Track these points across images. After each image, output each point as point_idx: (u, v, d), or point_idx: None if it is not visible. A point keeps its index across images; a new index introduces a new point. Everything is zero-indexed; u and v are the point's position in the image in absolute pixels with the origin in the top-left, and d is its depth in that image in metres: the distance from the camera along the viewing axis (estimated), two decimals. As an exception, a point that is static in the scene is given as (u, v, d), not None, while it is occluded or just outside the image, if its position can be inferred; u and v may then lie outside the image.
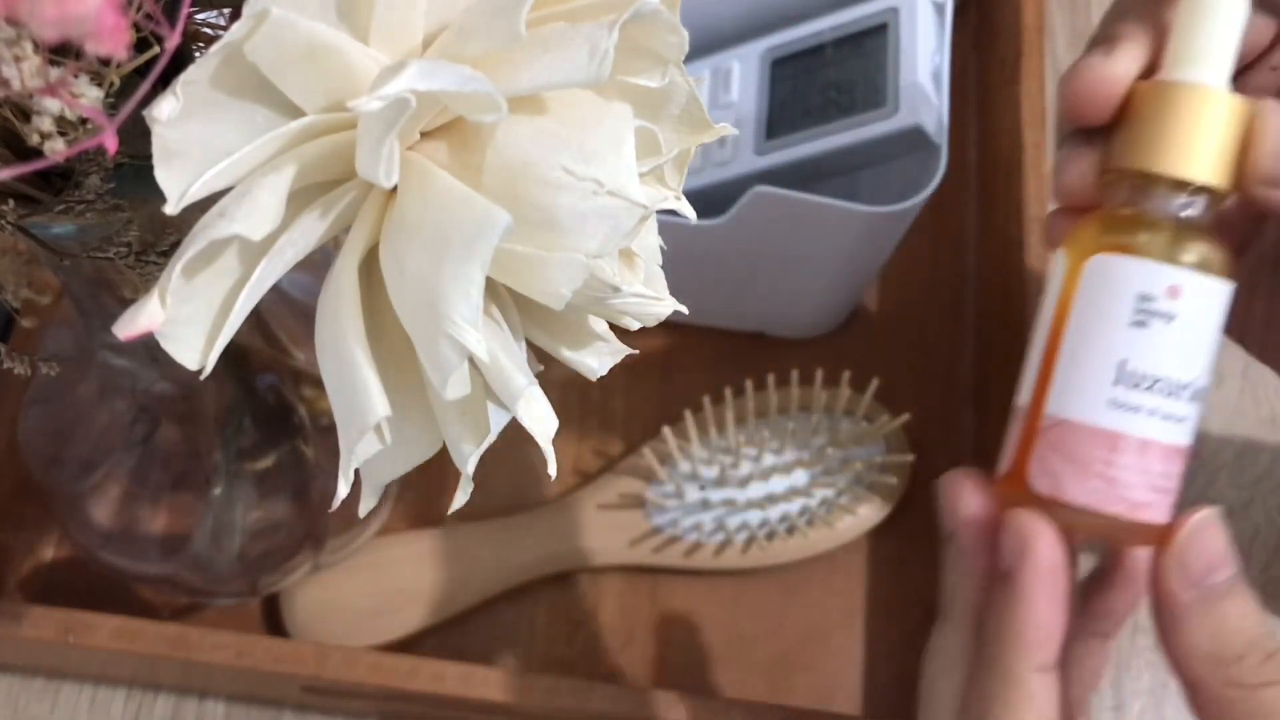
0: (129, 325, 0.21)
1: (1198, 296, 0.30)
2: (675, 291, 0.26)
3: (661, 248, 0.27)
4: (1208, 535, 0.30)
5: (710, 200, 0.47)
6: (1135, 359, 0.30)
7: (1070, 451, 0.31)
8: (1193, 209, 0.31)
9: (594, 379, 0.26)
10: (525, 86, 0.21)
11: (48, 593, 0.49)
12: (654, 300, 0.25)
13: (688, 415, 0.49)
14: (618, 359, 0.26)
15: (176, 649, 0.42)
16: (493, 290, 0.23)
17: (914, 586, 0.50)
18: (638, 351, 0.27)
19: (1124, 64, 0.31)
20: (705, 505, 0.49)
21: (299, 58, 0.20)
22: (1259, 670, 0.29)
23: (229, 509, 0.43)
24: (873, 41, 0.46)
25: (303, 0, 0.20)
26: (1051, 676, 0.30)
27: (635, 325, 0.26)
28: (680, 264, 0.32)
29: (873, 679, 0.49)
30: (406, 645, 0.48)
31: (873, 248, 0.48)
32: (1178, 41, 0.31)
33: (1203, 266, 0.30)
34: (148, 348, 0.36)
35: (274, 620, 0.48)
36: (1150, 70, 0.32)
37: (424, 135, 0.22)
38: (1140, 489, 0.30)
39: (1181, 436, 0.31)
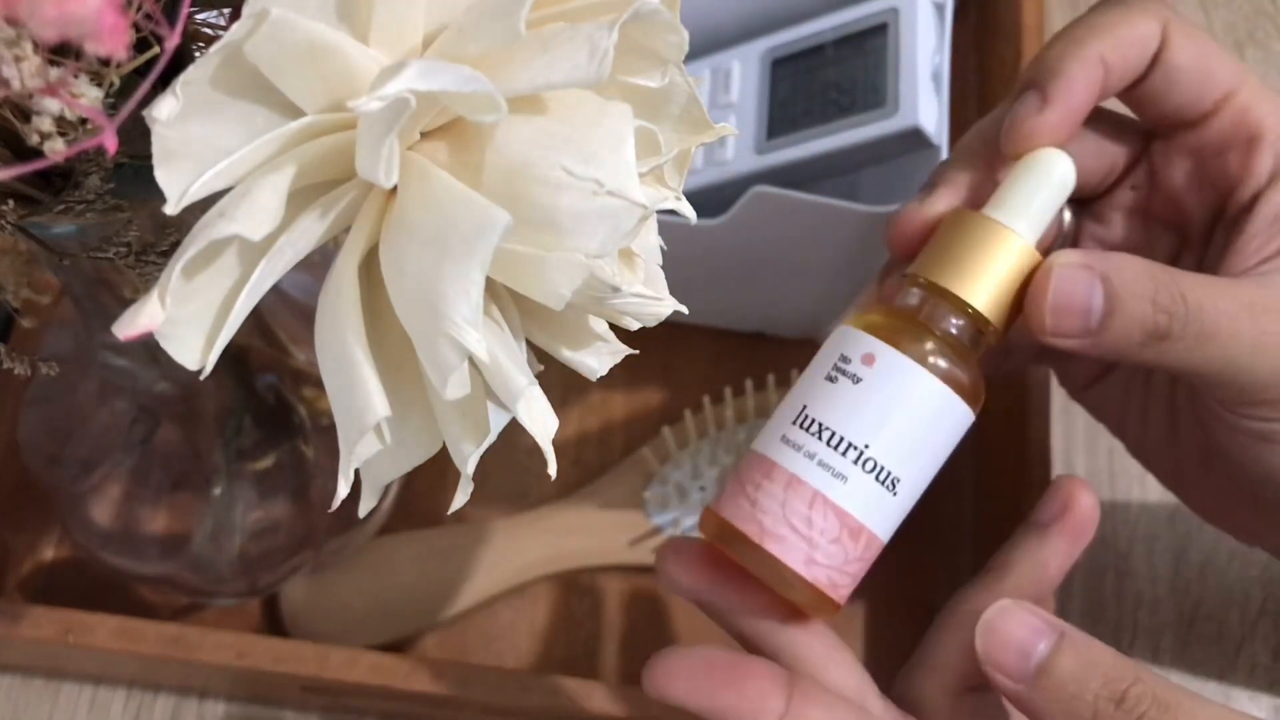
0: (129, 325, 0.21)
1: (894, 374, 0.32)
2: (675, 291, 0.26)
3: (661, 248, 0.27)
4: (1006, 629, 0.31)
5: (710, 200, 0.47)
6: (812, 405, 0.32)
7: (739, 475, 0.33)
8: (957, 329, 0.33)
9: (594, 379, 0.26)
10: (525, 86, 0.21)
11: (48, 593, 0.49)
12: (654, 300, 0.25)
13: (688, 415, 0.49)
14: (618, 359, 0.26)
15: (176, 649, 0.42)
16: (493, 290, 0.23)
17: (914, 586, 0.50)
18: (638, 351, 0.27)
19: (939, 206, 0.35)
20: (705, 505, 0.49)
21: (299, 58, 0.20)
22: (1114, 717, 0.29)
23: (229, 509, 0.43)
24: (873, 41, 0.46)
25: (303, 0, 0.20)
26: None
27: (635, 325, 0.26)
28: (680, 264, 0.32)
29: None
30: (406, 645, 0.48)
31: (873, 248, 0.48)
32: (1002, 191, 0.34)
33: (930, 367, 0.32)
34: (148, 348, 0.36)
35: (274, 620, 0.48)
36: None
37: (424, 135, 0.22)
38: (776, 519, 0.31)
39: (840, 496, 0.31)
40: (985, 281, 0.32)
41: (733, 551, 0.33)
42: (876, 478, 0.32)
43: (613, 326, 0.26)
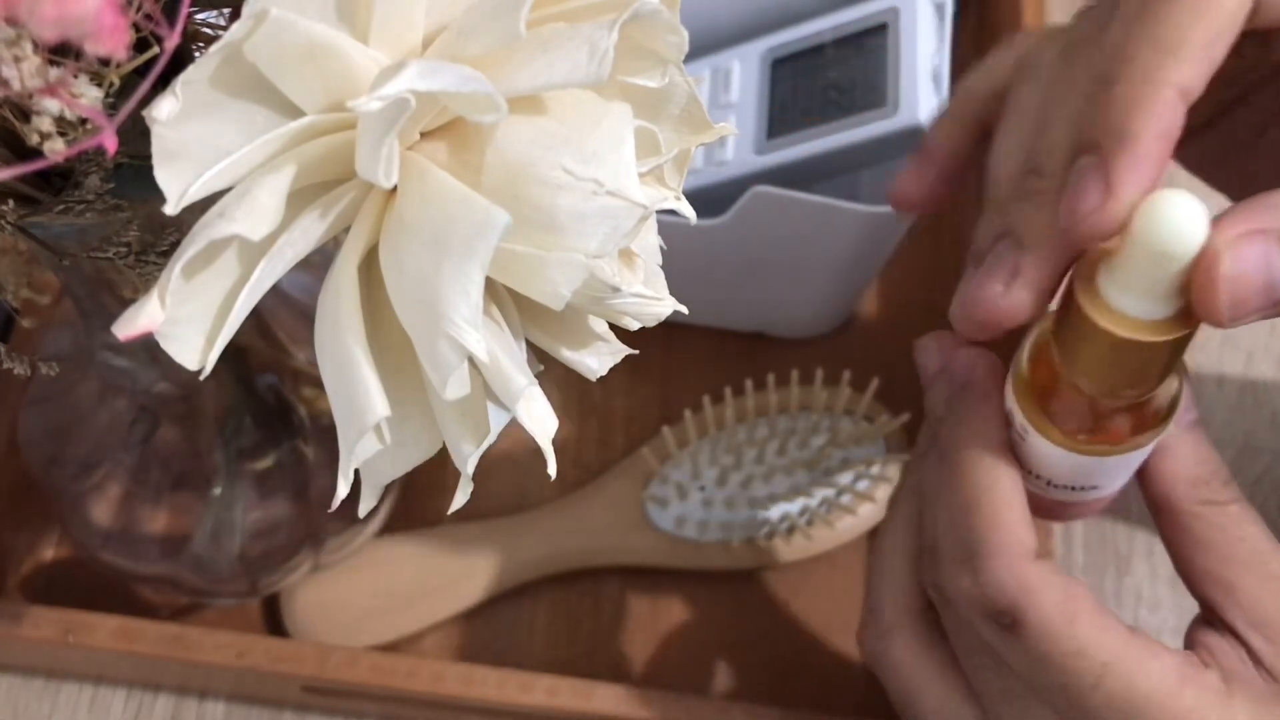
0: (129, 325, 0.21)
1: (1040, 444, 0.32)
2: (675, 291, 0.26)
3: (661, 248, 0.27)
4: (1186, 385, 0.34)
5: (710, 200, 0.47)
6: (1022, 460, 0.33)
7: None
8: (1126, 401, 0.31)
9: (594, 379, 0.26)
10: (525, 86, 0.21)
11: (48, 593, 0.49)
12: (654, 300, 0.25)
13: (688, 415, 0.49)
14: (618, 359, 0.26)
15: (176, 649, 0.42)
16: (493, 290, 0.23)
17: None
18: (638, 351, 0.27)
19: (1021, 300, 0.30)
20: (705, 505, 0.49)
21: (299, 58, 0.20)
22: (1222, 491, 0.33)
23: (229, 509, 0.43)
24: (873, 41, 0.46)
25: (302, 0, 0.20)
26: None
27: (635, 325, 0.26)
28: (680, 264, 0.32)
29: (873, 679, 0.48)
30: (406, 645, 0.48)
31: (873, 248, 0.48)
32: (1121, 259, 0.27)
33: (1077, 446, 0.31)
34: (148, 348, 0.36)
35: (274, 620, 0.48)
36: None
37: (424, 135, 0.22)
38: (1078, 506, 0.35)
39: (1091, 497, 0.34)
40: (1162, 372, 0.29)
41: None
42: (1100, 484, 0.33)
43: (613, 326, 0.26)
